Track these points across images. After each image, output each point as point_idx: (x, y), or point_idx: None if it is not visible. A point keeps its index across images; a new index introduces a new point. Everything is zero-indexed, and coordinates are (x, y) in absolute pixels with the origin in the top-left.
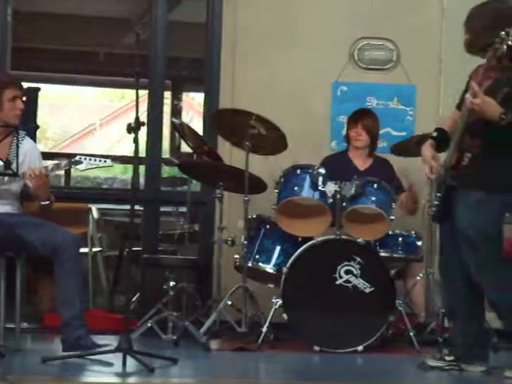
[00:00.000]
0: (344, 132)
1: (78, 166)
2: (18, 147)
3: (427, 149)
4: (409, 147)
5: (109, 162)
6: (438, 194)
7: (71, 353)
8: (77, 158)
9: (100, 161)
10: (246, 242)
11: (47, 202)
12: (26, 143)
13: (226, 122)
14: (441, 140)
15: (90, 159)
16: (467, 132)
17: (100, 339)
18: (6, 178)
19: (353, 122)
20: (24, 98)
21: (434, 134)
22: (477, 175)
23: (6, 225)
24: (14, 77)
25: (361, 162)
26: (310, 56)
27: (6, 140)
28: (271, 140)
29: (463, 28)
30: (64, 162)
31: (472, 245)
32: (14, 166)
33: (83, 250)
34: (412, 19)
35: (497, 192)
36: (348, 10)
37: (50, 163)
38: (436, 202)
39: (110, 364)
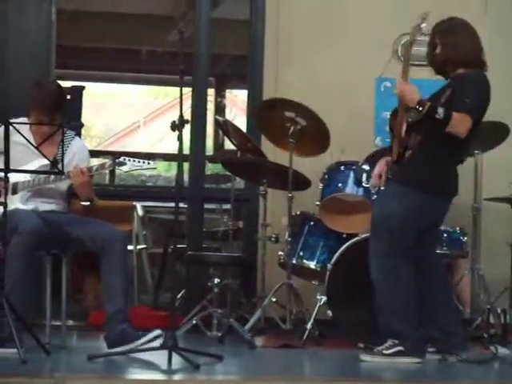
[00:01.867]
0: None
1: (122, 168)
2: (63, 146)
3: (380, 164)
4: None
5: (152, 164)
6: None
7: (117, 350)
8: (121, 159)
9: (144, 163)
10: (289, 239)
11: (88, 203)
12: (75, 143)
13: (268, 115)
14: None
15: (134, 161)
16: (413, 129)
17: None
18: (52, 177)
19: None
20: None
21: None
22: (403, 170)
23: (52, 222)
24: (42, 101)
25: None
26: (354, 52)
27: (55, 139)
28: (313, 134)
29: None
30: (108, 163)
31: (375, 233)
32: (60, 165)
33: (128, 247)
34: (455, 14)
35: (414, 189)
36: (392, 6)
37: (94, 162)
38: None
39: (155, 361)
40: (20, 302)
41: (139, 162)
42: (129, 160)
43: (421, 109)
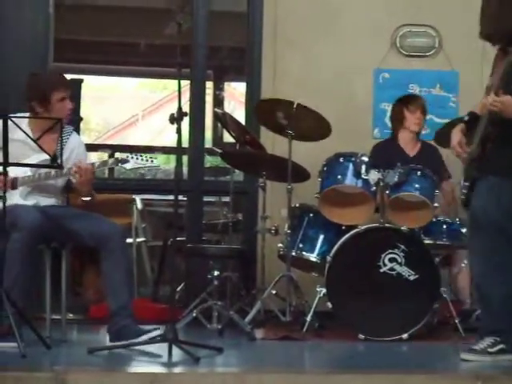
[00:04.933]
0: (388, 119)
1: (125, 165)
2: (62, 141)
3: (455, 133)
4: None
5: (155, 162)
6: (466, 184)
7: (117, 343)
8: (124, 156)
9: (147, 160)
10: (289, 231)
11: (88, 199)
12: (73, 139)
13: (267, 112)
14: (472, 123)
15: (137, 158)
16: (489, 122)
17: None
18: (53, 173)
19: (413, 107)
20: (71, 103)
21: (466, 118)
22: (492, 161)
23: (51, 216)
24: (61, 77)
25: (410, 148)
26: (352, 43)
27: (54, 135)
28: (314, 128)
29: None
30: (111, 161)
31: (478, 229)
32: (59, 160)
33: (128, 240)
34: (453, 5)
35: (510, 177)
36: None
37: (96, 159)
38: (464, 191)
39: (155, 354)
40: (21, 296)
41: (142, 159)
42: (131, 157)
43: None
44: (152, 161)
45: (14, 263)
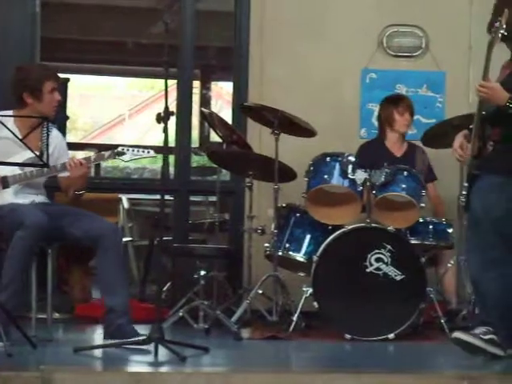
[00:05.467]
0: (375, 119)
1: (122, 157)
2: (48, 139)
3: (457, 138)
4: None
5: (152, 152)
6: (465, 184)
7: (103, 343)
8: (119, 148)
9: (143, 151)
10: (276, 231)
11: (82, 192)
12: (55, 135)
13: (253, 114)
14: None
15: (133, 150)
16: (488, 121)
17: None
18: (46, 170)
19: (403, 109)
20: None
21: (471, 126)
22: (495, 160)
23: (50, 214)
24: (52, 68)
25: (397, 149)
26: (339, 44)
27: (37, 132)
28: (299, 131)
29: None
30: (108, 153)
31: (477, 226)
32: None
33: None
34: (441, 5)
35: (509, 177)
36: None
37: (79, 155)
38: (464, 192)
39: (141, 353)
40: (16, 294)
41: (139, 151)
42: (127, 150)
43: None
44: (149, 151)
45: (15, 261)
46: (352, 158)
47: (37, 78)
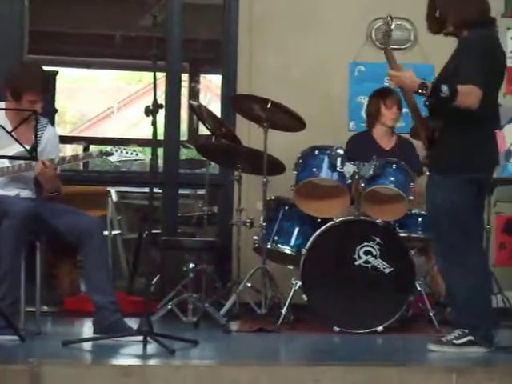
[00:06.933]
0: (364, 112)
1: (110, 158)
2: (36, 132)
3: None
4: None
5: (140, 155)
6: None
7: (91, 336)
8: (108, 149)
9: (132, 153)
10: (264, 224)
11: (54, 194)
12: (48, 131)
13: (242, 106)
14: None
15: (122, 151)
16: (433, 112)
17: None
18: (34, 164)
19: (390, 103)
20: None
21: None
22: (436, 159)
23: (34, 209)
24: (40, 80)
25: (385, 142)
26: (327, 36)
27: (31, 125)
28: (288, 124)
29: None
30: (95, 153)
31: (433, 228)
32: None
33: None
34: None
35: (453, 174)
36: None
37: (71, 151)
38: None
39: (130, 346)
40: (15, 287)
41: (127, 152)
42: (116, 150)
43: (424, 91)
44: (137, 154)
45: (6, 253)
46: (341, 151)
47: (19, 85)
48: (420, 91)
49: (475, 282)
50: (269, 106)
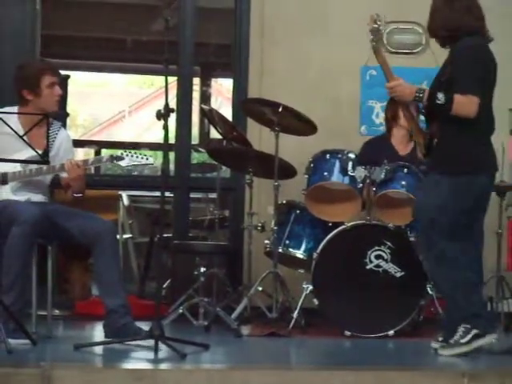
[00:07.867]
0: (375, 116)
1: (120, 162)
2: (48, 137)
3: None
4: None
5: (150, 159)
6: None
7: (103, 340)
8: (119, 153)
9: (142, 158)
10: (276, 228)
11: (80, 195)
12: (61, 135)
13: (253, 110)
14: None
15: (132, 156)
16: (427, 118)
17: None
18: (45, 169)
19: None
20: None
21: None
22: (434, 158)
23: (45, 213)
24: (50, 63)
25: (402, 147)
26: (338, 41)
27: (43, 129)
28: (300, 128)
29: None
30: (106, 157)
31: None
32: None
33: None
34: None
35: (446, 175)
36: None
37: (82, 155)
38: None
39: (141, 350)
40: (21, 293)
41: (138, 157)
42: (127, 155)
43: (421, 96)
44: (147, 158)
45: (14, 259)
46: (352, 155)
47: (34, 73)
48: (417, 94)
49: (462, 276)
50: (280, 109)
